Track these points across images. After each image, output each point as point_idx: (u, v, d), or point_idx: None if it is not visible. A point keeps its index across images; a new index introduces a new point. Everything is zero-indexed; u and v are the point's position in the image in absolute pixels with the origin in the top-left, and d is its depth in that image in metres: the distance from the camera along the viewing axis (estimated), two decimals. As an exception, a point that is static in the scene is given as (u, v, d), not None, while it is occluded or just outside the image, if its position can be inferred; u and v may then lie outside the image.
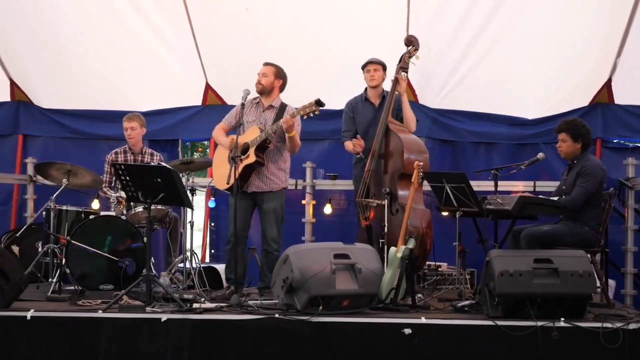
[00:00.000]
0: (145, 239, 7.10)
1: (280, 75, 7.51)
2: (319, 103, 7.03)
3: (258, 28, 8.88)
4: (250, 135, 7.29)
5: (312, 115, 7.14)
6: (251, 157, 7.23)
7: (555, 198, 7.01)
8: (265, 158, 7.33)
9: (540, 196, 7.23)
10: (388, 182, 7.55)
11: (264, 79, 7.45)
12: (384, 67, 7.91)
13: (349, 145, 7.88)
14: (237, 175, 6.95)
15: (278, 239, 7.40)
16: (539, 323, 5.88)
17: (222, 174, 7.30)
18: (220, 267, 8.16)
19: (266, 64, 7.51)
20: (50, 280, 7.43)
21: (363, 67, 7.95)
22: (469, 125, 9.27)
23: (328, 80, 8.73)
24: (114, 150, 8.40)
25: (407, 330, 5.98)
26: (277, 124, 7.22)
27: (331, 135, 9.16)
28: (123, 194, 7.34)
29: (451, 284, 7.98)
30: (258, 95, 7.52)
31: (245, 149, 7.26)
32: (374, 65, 7.89)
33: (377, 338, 6.03)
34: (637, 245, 8.43)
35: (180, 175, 7.06)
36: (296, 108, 7.23)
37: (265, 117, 7.45)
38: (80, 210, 7.80)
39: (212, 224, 9.62)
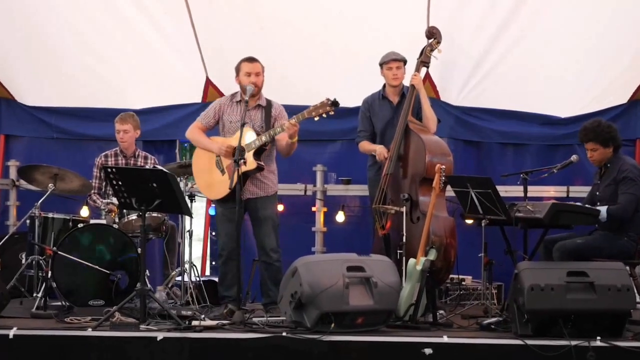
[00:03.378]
0: (139, 249, 7.12)
1: (263, 70, 7.41)
2: (334, 103, 6.91)
3: (263, 18, 8.89)
4: (241, 137, 7.01)
5: (324, 116, 7.03)
6: (250, 164, 7.08)
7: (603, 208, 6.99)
8: (264, 163, 7.24)
9: (576, 203, 7.23)
10: (407, 187, 7.56)
11: (258, 78, 7.32)
12: (405, 63, 7.89)
13: (364, 145, 7.87)
14: (239, 180, 6.82)
15: (277, 248, 7.37)
16: (573, 342, 5.87)
17: (209, 182, 7.32)
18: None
19: (255, 60, 7.35)
20: (34, 295, 7.44)
21: (382, 64, 7.90)
22: (495, 124, 9.25)
23: (340, 76, 8.73)
24: (103, 153, 8.40)
25: (428, 350, 5.97)
26: (278, 128, 7.09)
27: (344, 136, 9.14)
28: (115, 200, 7.35)
29: (476, 300, 7.98)
30: (238, 91, 7.40)
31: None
32: (396, 63, 7.82)
33: (394, 359, 6.03)
34: (682, 257, 8.41)
35: (178, 179, 7.07)
36: (297, 108, 7.11)
37: (252, 117, 7.31)
38: (68, 218, 7.83)
39: (213, 233, 9.62)
